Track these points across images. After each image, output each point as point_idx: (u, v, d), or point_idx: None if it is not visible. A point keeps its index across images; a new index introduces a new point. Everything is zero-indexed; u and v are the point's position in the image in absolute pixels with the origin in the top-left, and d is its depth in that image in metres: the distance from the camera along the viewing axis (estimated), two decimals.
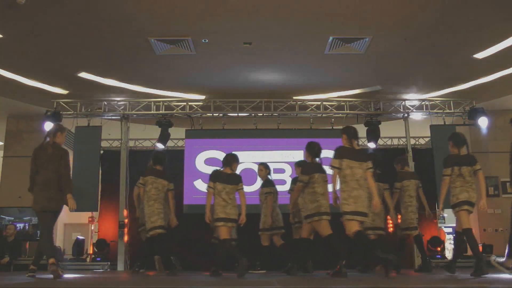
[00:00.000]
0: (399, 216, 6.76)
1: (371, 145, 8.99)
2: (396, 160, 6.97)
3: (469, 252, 9.18)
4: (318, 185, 5.49)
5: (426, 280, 4.72)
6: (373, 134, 8.96)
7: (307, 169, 5.60)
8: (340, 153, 5.16)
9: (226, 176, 5.78)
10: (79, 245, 9.16)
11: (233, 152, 6.08)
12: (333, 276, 5.03)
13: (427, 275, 5.74)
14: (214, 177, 5.77)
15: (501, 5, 6.03)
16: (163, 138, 9.00)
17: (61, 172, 5.10)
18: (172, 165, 7.65)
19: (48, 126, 8.53)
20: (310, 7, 6.14)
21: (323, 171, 5.62)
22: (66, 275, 5.33)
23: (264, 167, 6.79)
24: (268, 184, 6.71)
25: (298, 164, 6.77)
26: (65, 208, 5.21)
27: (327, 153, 8.81)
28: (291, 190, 6.81)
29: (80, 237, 9.54)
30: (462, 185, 5.19)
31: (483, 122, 8.55)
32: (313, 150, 5.71)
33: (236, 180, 5.79)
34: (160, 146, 8.97)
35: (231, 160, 5.91)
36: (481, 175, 5.27)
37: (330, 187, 5.49)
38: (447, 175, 5.27)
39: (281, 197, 6.84)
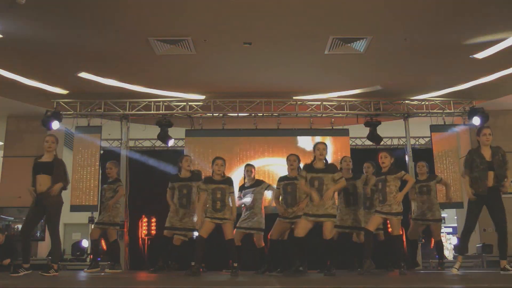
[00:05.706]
0: None
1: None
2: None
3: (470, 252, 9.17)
4: None
5: (427, 280, 4.73)
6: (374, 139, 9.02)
7: None
8: None
9: None
10: (79, 249, 9.17)
11: None
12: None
13: (427, 274, 5.74)
14: None
15: (501, 4, 6.04)
16: (163, 137, 9.02)
17: None
18: (172, 165, 7.66)
19: (55, 125, 8.54)
20: (310, 7, 6.14)
21: None
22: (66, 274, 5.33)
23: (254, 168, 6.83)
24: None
25: None
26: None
27: None
28: None
29: (83, 245, 9.52)
30: None
31: (483, 122, 8.54)
32: None
33: None
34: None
35: None
36: None
37: None
38: None
39: None
